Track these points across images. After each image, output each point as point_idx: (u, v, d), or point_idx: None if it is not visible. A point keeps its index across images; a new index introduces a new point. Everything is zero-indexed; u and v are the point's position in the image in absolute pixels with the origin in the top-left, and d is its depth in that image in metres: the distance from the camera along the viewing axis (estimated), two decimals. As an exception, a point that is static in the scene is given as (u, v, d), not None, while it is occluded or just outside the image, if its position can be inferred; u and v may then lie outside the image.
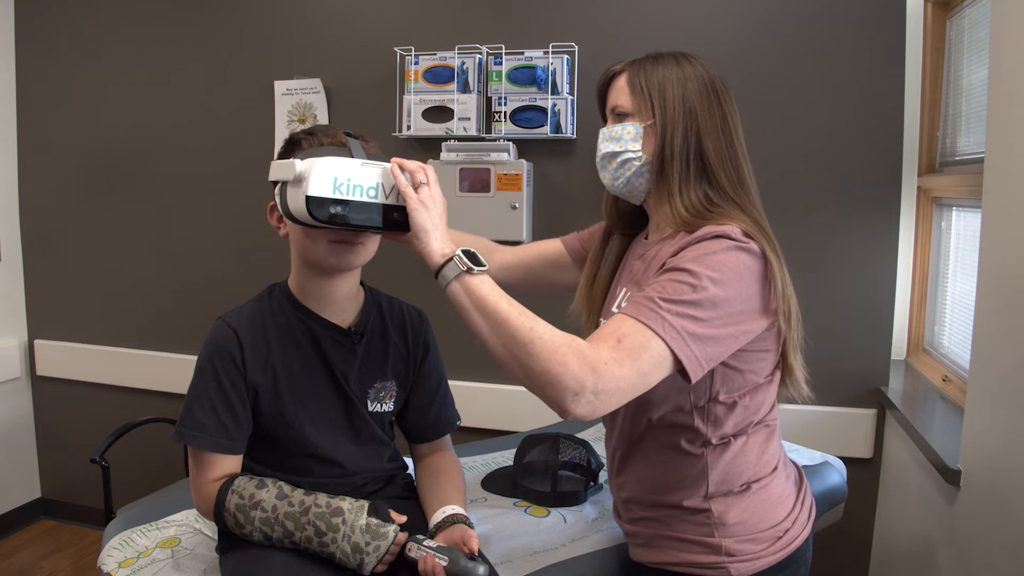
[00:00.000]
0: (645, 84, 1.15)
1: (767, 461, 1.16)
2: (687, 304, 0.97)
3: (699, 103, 1.12)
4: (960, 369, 1.92)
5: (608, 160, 1.19)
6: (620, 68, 1.21)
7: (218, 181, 2.67)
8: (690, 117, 1.12)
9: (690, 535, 1.13)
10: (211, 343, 1.27)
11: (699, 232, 1.06)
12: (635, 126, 1.15)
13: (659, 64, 1.16)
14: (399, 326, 1.40)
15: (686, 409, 1.12)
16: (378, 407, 1.36)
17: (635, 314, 0.97)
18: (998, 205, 1.43)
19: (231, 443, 1.26)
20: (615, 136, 1.17)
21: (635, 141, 1.15)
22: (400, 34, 2.40)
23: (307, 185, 1.11)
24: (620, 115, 1.18)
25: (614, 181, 1.20)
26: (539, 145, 2.34)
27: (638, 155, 1.15)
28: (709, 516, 1.12)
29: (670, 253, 1.07)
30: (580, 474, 1.73)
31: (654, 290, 1.00)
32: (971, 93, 1.94)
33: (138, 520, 1.57)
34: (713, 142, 1.12)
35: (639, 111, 1.15)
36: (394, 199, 1.16)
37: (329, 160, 1.13)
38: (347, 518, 1.18)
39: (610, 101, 1.21)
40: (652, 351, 0.95)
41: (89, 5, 2.77)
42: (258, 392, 1.27)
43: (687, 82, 1.13)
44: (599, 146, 1.21)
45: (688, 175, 1.12)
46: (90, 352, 2.90)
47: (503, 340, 0.98)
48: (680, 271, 1.01)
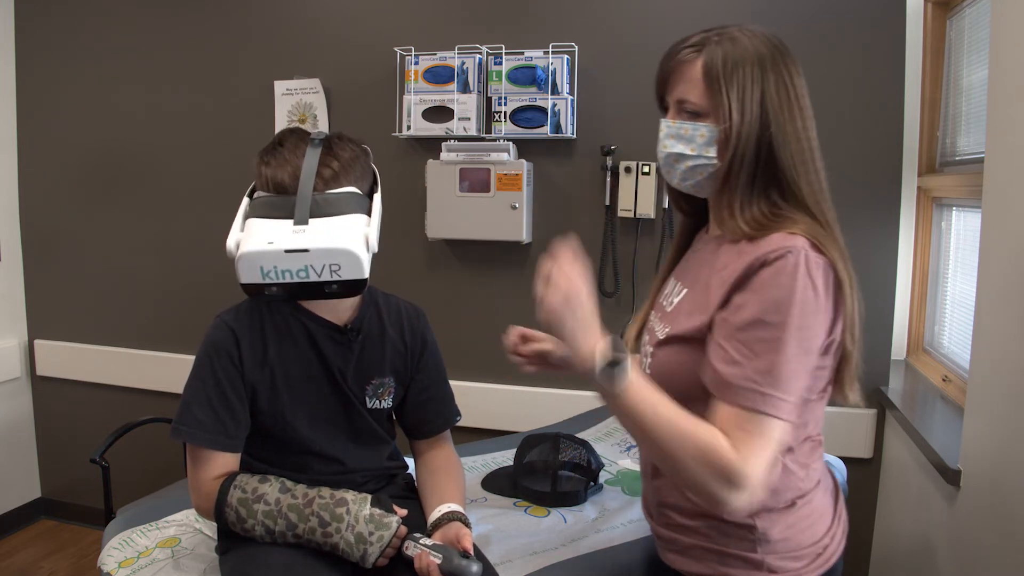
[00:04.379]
0: (723, 82, 1.02)
1: (811, 475, 1.12)
2: (779, 367, 0.94)
3: (776, 106, 1.02)
4: (960, 369, 1.92)
5: (675, 160, 1.09)
6: (692, 52, 1.06)
7: (218, 181, 2.67)
8: (765, 126, 1.02)
9: (732, 549, 1.09)
10: (209, 341, 1.28)
11: (765, 248, 0.98)
12: (709, 129, 1.04)
13: (739, 55, 1.03)
14: (396, 322, 1.40)
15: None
16: (376, 404, 1.36)
17: (745, 403, 0.95)
18: (998, 205, 1.43)
19: (229, 440, 1.26)
20: (686, 136, 1.07)
21: (710, 146, 1.05)
22: (400, 34, 2.40)
23: (238, 273, 1.17)
24: (692, 112, 1.06)
25: (681, 182, 1.11)
26: (539, 145, 2.34)
27: (712, 162, 1.05)
28: (753, 532, 1.07)
29: (737, 274, 0.99)
30: (580, 474, 1.73)
31: (747, 364, 0.95)
32: (971, 93, 1.94)
33: (138, 520, 1.57)
34: (789, 148, 1.03)
35: (714, 112, 1.04)
36: (327, 276, 1.17)
37: (252, 254, 1.15)
38: (351, 508, 1.19)
39: (677, 91, 1.08)
40: (774, 431, 0.95)
41: (89, 6, 2.77)
42: (256, 390, 1.27)
43: (766, 82, 1.03)
44: (663, 141, 1.10)
45: (752, 188, 1.04)
46: (90, 352, 2.90)
47: (649, 449, 1.00)
48: (759, 325, 0.95)
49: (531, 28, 2.32)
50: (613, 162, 2.26)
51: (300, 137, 1.26)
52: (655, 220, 2.27)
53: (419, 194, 2.38)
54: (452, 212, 2.31)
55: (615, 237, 2.31)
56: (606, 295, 2.33)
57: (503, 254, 2.41)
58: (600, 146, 2.27)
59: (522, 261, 2.39)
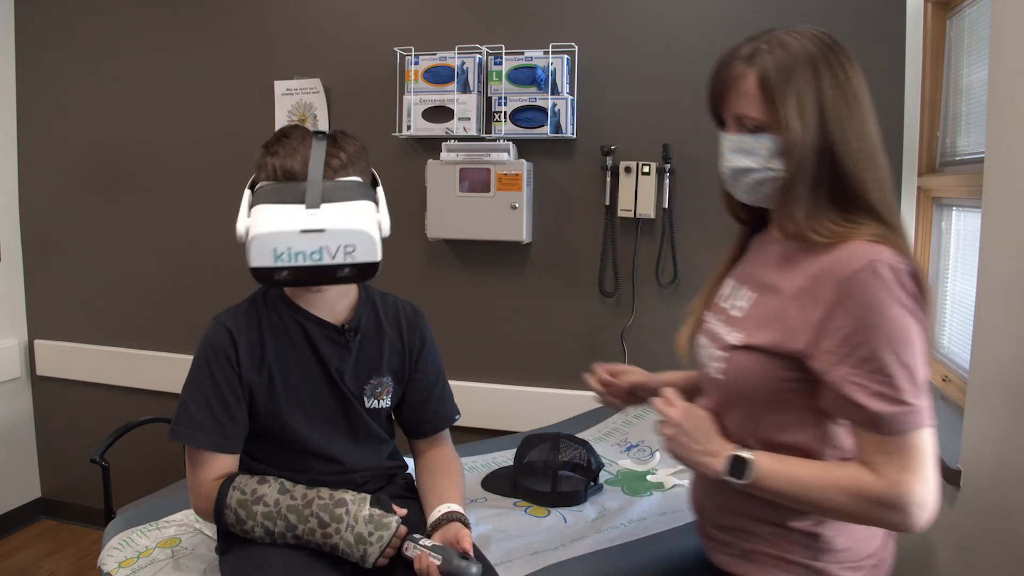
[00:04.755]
0: (780, 92, 1.01)
1: None
2: (910, 382, 0.95)
3: (833, 107, 1.01)
4: (960, 369, 1.92)
5: (740, 175, 1.08)
6: (743, 65, 1.05)
7: (218, 181, 2.67)
8: (824, 129, 1.01)
9: (794, 556, 1.08)
10: (206, 342, 1.28)
11: (848, 262, 0.97)
12: (772, 140, 1.03)
13: (791, 61, 1.02)
14: (394, 322, 1.40)
15: (807, 430, 1.06)
16: (375, 403, 1.36)
17: (885, 430, 0.96)
18: (998, 205, 1.43)
19: (228, 441, 1.26)
20: (748, 149, 1.06)
21: (774, 158, 1.03)
22: (400, 34, 2.40)
23: (248, 256, 1.12)
24: (752, 126, 1.06)
25: (747, 194, 1.10)
26: (539, 145, 2.34)
27: (779, 173, 1.04)
28: (818, 540, 1.07)
29: (828, 300, 0.98)
30: (580, 474, 1.73)
31: (885, 391, 0.95)
32: (971, 93, 1.94)
33: (138, 520, 1.57)
34: (851, 149, 1.01)
35: (773, 123, 1.03)
36: (341, 258, 1.15)
37: (267, 235, 1.12)
38: (350, 508, 1.19)
39: (735, 106, 1.07)
40: (917, 441, 0.96)
41: (89, 6, 2.77)
42: (253, 391, 1.27)
43: (818, 79, 1.01)
44: (726, 156, 1.09)
45: (817, 194, 1.02)
46: (90, 352, 2.90)
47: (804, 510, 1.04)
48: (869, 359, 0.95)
49: (531, 28, 2.32)
50: (613, 162, 2.26)
51: (304, 131, 1.26)
52: (655, 220, 2.27)
53: (419, 194, 2.38)
54: (452, 212, 2.31)
55: (615, 237, 2.31)
56: (606, 295, 2.33)
57: (503, 254, 2.41)
58: (600, 146, 2.27)
59: (522, 261, 2.39)
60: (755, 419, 1.07)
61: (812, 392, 1.02)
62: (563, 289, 2.37)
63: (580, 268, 2.35)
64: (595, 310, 2.36)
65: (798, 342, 1.00)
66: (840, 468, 1.00)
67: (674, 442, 1.10)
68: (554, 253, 2.37)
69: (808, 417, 1.04)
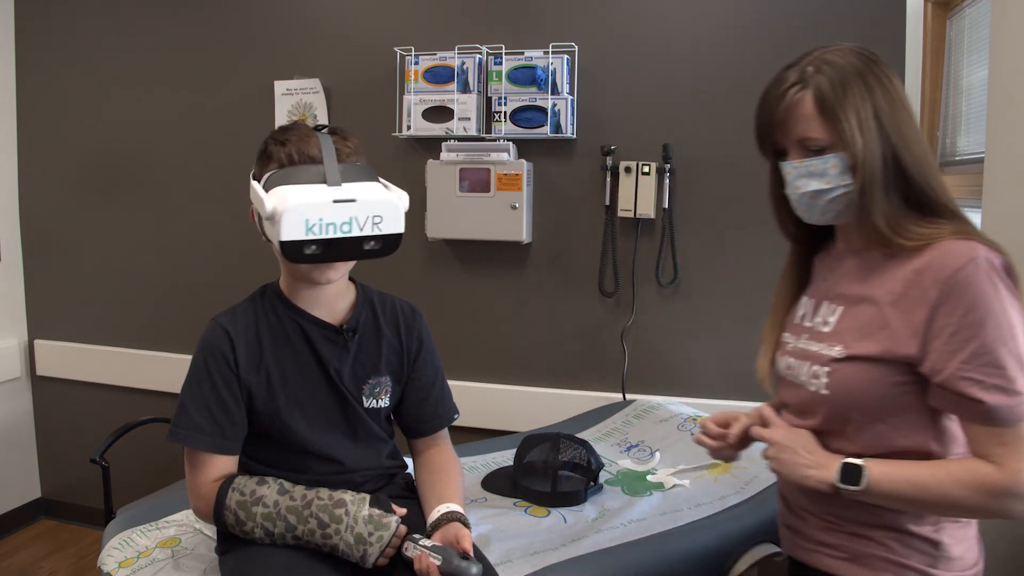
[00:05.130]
0: (839, 110, 1.03)
1: None
2: (1018, 381, 0.96)
3: (889, 116, 1.03)
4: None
5: (813, 198, 1.08)
6: (797, 90, 1.06)
7: (218, 181, 2.67)
8: (885, 136, 1.03)
9: (912, 562, 1.06)
10: (204, 344, 1.28)
11: (945, 261, 0.99)
12: (839, 158, 1.04)
13: (844, 77, 1.04)
14: (392, 321, 1.40)
15: (923, 431, 1.05)
16: (374, 403, 1.36)
17: (1003, 421, 0.96)
18: (998, 205, 1.43)
19: (227, 443, 1.26)
20: (817, 172, 1.06)
21: (844, 175, 1.04)
22: (400, 34, 2.40)
23: (280, 230, 1.13)
24: (817, 148, 1.06)
25: (822, 216, 1.10)
26: (539, 145, 2.34)
27: (851, 188, 1.04)
28: (938, 547, 1.06)
29: (931, 299, 0.99)
30: (580, 474, 1.73)
31: (986, 393, 0.96)
32: (971, 93, 1.94)
33: (138, 520, 1.57)
34: (912, 154, 1.04)
35: (838, 141, 1.04)
36: (369, 229, 1.19)
37: (300, 205, 1.14)
38: (350, 509, 1.19)
39: (796, 131, 1.07)
40: None
41: (89, 6, 2.77)
42: (252, 392, 1.27)
43: (874, 96, 1.03)
44: (794, 183, 1.09)
45: (889, 201, 1.04)
46: (90, 352, 2.90)
47: (922, 512, 1.04)
48: (979, 353, 0.96)
49: (531, 28, 2.32)
50: (613, 162, 2.26)
51: (306, 126, 1.28)
52: (655, 220, 2.27)
53: (419, 194, 2.38)
54: (452, 212, 2.31)
55: (615, 237, 2.31)
56: (606, 295, 2.33)
57: (503, 254, 2.41)
58: (600, 146, 2.27)
59: (522, 261, 2.39)
60: (868, 429, 1.06)
61: (923, 391, 1.02)
62: (563, 289, 2.37)
63: (580, 268, 2.35)
64: (595, 310, 2.36)
65: (908, 347, 1.01)
66: (955, 463, 1.01)
67: (778, 461, 1.09)
68: (554, 253, 2.37)
69: (923, 418, 1.04)
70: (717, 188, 2.21)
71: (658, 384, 2.31)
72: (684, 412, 2.12)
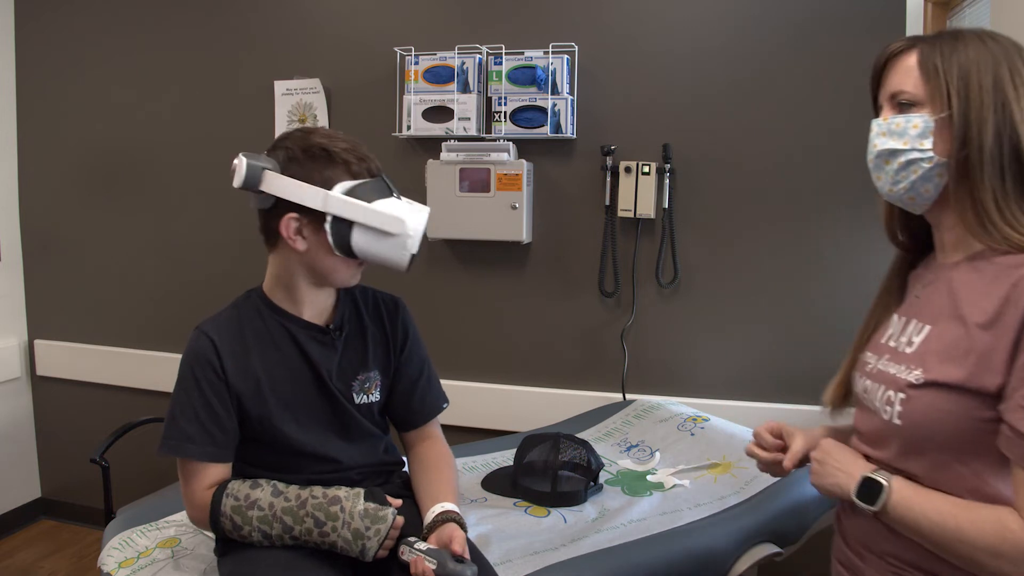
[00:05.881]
0: (943, 66, 0.93)
1: None
2: None
3: (1014, 93, 0.91)
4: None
5: (885, 159, 0.99)
6: (905, 44, 0.98)
7: (218, 181, 2.66)
8: (1004, 111, 0.91)
9: None
10: (190, 353, 1.28)
11: None
12: (923, 119, 0.95)
13: (960, 42, 0.94)
14: (375, 315, 1.41)
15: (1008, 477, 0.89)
16: (364, 398, 1.37)
17: None
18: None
19: (219, 451, 1.26)
20: (896, 130, 0.97)
21: (924, 137, 0.95)
22: (400, 34, 2.41)
23: (412, 243, 1.26)
24: (904, 104, 0.97)
25: (893, 186, 0.99)
26: (539, 145, 2.34)
27: (927, 155, 0.95)
28: None
29: (1019, 321, 0.85)
30: (580, 474, 1.74)
31: None
32: (971, 93, 1.94)
33: (138, 520, 1.57)
34: None
35: (931, 100, 0.95)
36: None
37: (422, 222, 1.28)
38: (345, 505, 1.19)
39: (891, 85, 0.99)
40: None
41: (89, 6, 2.77)
42: (241, 398, 1.27)
43: (998, 66, 0.92)
44: (872, 141, 1.00)
45: (1005, 184, 0.92)
46: (90, 352, 2.90)
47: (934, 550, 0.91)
48: None
49: (531, 28, 2.32)
50: (613, 162, 2.26)
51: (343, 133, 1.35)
52: (655, 220, 2.27)
53: (419, 194, 2.38)
54: (452, 212, 2.31)
55: (615, 237, 2.31)
56: (606, 295, 2.33)
57: (503, 254, 2.41)
58: (600, 146, 2.26)
59: (522, 261, 2.39)
60: (949, 470, 0.92)
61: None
62: (563, 289, 2.37)
63: (580, 268, 2.35)
64: (595, 310, 2.36)
65: (994, 377, 0.86)
66: (987, 507, 0.87)
67: (815, 473, 1.03)
68: (554, 253, 2.37)
69: (1011, 466, 0.88)
70: (717, 188, 2.21)
71: (658, 384, 2.31)
72: (684, 412, 2.12)
